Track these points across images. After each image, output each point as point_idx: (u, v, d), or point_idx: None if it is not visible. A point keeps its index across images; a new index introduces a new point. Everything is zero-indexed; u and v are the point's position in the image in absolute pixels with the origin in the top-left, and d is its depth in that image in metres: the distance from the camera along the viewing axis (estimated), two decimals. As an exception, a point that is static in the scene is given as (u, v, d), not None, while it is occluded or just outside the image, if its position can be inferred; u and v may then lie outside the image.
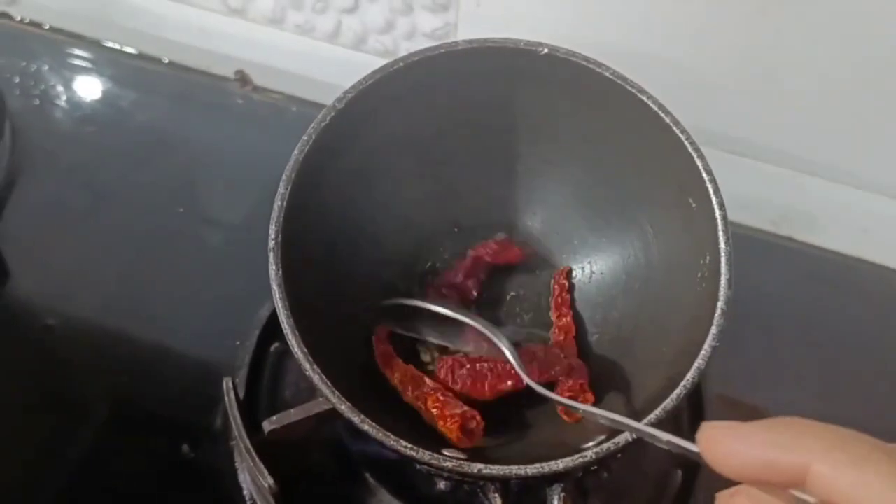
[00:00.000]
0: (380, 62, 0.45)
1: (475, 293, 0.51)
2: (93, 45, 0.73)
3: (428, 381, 0.45)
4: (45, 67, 0.71)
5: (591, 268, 0.51)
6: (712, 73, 0.58)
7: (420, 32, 0.64)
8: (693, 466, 0.49)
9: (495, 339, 0.44)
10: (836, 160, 0.61)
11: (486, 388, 0.45)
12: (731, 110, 0.60)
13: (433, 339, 0.48)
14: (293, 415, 0.43)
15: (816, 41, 0.53)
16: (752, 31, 0.54)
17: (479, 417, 0.43)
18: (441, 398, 0.43)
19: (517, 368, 0.43)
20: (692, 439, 0.47)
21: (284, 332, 0.40)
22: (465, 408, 0.43)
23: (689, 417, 0.51)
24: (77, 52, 0.72)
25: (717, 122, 0.60)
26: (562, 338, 0.48)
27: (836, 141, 0.59)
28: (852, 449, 0.23)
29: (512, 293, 0.52)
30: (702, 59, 0.57)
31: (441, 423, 0.42)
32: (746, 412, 0.55)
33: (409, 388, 0.45)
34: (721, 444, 0.25)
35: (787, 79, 0.56)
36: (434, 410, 0.43)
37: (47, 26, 0.74)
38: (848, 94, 0.56)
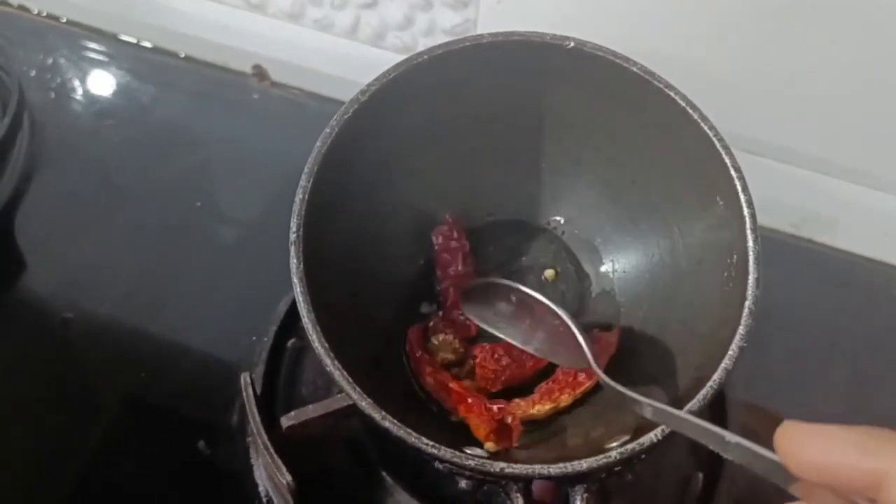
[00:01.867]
0: (398, 58, 0.44)
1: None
2: (110, 38, 0.73)
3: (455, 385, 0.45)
4: (62, 61, 0.71)
5: (614, 266, 0.51)
6: (733, 75, 0.58)
7: (439, 29, 0.64)
8: (715, 471, 0.49)
9: (574, 329, 0.43)
10: (857, 162, 0.60)
11: (527, 367, 0.46)
12: (751, 112, 0.60)
13: (501, 333, 0.47)
14: (311, 411, 0.43)
15: (836, 43, 0.53)
16: (773, 33, 0.54)
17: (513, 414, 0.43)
18: (470, 401, 0.44)
19: (590, 360, 0.42)
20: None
21: (305, 327, 0.39)
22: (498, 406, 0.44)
23: (709, 417, 0.50)
24: (94, 45, 0.72)
25: (737, 124, 0.60)
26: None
27: (857, 143, 0.59)
28: None
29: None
30: (722, 61, 0.57)
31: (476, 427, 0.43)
32: (768, 417, 0.55)
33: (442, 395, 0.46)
34: (802, 443, 0.26)
35: (807, 81, 0.56)
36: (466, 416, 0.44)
37: (64, 20, 0.74)
38: (868, 96, 0.56)
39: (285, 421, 0.43)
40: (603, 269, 0.51)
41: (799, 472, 0.26)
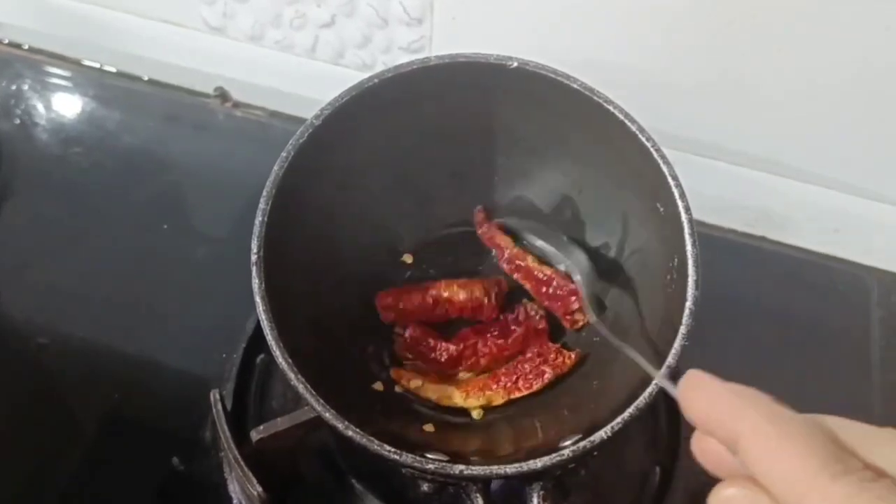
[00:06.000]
0: (357, 75, 0.45)
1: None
2: (73, 64, 0.73)
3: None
4: (26, 87, 0.71)
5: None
6: (687, 83, 0.59)
7: (396, 46, 0.65)
8: (672, 465, 0.51)
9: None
10: (808, 163, 0.62)
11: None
12: (706, 117, 0.61)
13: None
14: (280, 423, 0.44)
15: (784, 49, 0.55)
16: (723, 42, 0.55)
17: None
18: None
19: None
20: (671, 434, 0.49)
21: (269, 343, 0.40)
22: None
23: (665, 413, 0.52)
24: (58, 71, 0.73)
25: (692, 129, 0.61)
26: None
27: (808, 144, 0.61)
28: (781, 426, 0.25)
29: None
30: (677, 70, 0.58)
31: None
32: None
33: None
34: (692, 391, 0.28)
35: (759, 86, 0.57)
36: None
37: (27, 46, 0.74)
38: (816, 100, 0.57)
39: (255, 434, 0.44)
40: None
41: (690, 420, 0.28)
